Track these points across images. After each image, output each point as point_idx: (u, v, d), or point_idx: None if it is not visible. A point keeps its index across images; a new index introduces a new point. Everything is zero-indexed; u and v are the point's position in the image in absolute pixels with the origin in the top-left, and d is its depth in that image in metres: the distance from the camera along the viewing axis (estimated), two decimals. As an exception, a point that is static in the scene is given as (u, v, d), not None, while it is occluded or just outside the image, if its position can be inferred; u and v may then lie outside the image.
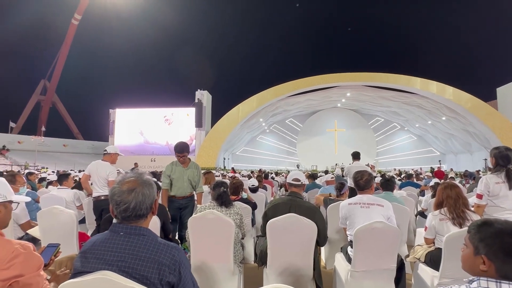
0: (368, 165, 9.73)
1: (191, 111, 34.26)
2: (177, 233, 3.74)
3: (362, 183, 2.61)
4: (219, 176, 10.87)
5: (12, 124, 41.80)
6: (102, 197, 3.80)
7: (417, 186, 7.57)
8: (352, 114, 36.26)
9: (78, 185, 4.78)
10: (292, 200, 2.63)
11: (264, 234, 2.80)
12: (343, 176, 7.91)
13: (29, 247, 1.34)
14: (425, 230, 2.64)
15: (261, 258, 2.58)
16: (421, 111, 28.99)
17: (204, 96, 33.72)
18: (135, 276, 1.11)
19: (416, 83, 26.62)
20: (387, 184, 3.95)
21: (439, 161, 30.58)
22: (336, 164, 26.69)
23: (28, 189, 4.41)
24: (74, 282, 1.07)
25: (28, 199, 1.57)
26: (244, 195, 4.19)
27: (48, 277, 1.55)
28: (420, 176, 11.73)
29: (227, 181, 3.79)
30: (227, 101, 37.80)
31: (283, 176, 15.94)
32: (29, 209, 3.16)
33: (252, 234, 4.05)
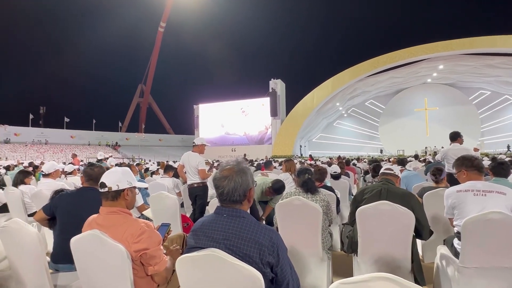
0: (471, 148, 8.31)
1: (266, 101, 34.97)
2: None
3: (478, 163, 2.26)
4: (297, 164, 10.88)
5: (120, 124, 49.97)
6: (195, 185, 4.22)
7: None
8: (447, 89, 31.11)
9: (176, 174, 5.44)
10: (385, 186, 2.46)
11: (350, 221, 2.71)
12: (440, 161, 6.98)
13: (151, 225, 1.59)
14: None
15: (351, 245, 2.51)
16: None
17: (277, 85, 33.92)
18: (239, 254, 1.21)
19: (537, 43, 21.36)
20: (501, 168, 3.31)
21: None
22: (426, 148, 23.63)
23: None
24: (190, 256, 1.22)
25: (147, 185, 1.87)
26: (327, 181, 4.10)
27: (164, 251, 1.81)
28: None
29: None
30: (301, 87, 37.23)
31: (365, 162, 14.99)
32: (140, 194, 3.75)
33: (337, 222, 3.95)
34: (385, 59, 26.92)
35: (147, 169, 8.73)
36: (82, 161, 15.86)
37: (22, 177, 4.28)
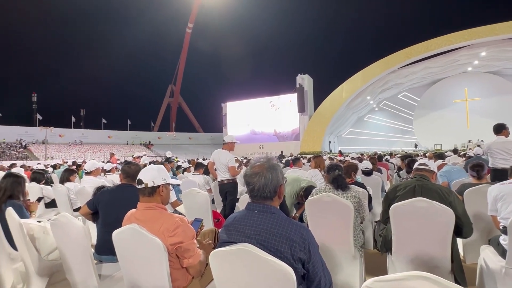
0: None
1: (293, 97, 34.63)
2: None
3: None
4: (326, 160, 10.68)
5: (152, 124, 52.04)
6: (225, 181, 4.30)
7: None
8: (490, 78, 28.64)
9: (206, 171, 5.58)
10: (419, 182, 2.35)
11: (383, 219, 2.62)
12: (480, 155, 6.52)
13: (185, 220, 1.66)
14: None
15: (385, 244, 2.43)
16: None
17: (305, 80, 33.43)
18: (270, 249, 1.23)
19: None
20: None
21: None
22: (470, 141, 22.03)
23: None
24: (223, 250, 1.26)
25: (180, 182, 1.95)
26: (358, 178, 3.99)
27: (197, 245, 1.88)
28: None
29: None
30: (329, 82, 36.43)
31: (398, 157, 14.34)
32: (173, 190, 3.91)
33: (370, 219, 3.84)
34: (420, 48, 25.44)
35: (179, 167, 9.04)
36: (118, 159, 16.78)
37: (67, 175, 4.63)
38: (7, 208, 2.41)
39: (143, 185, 1.65)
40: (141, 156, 9.99)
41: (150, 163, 8.23)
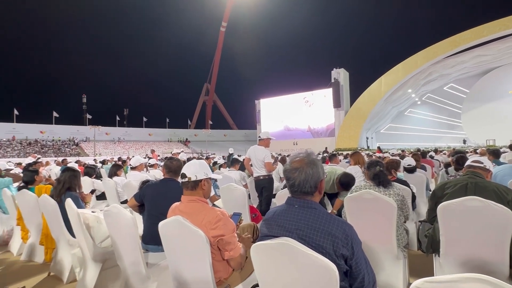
0: None
1: (328, 92, 33.77)
2: None
3: None
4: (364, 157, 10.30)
5: (189, 122, 53.96)
6: (261, 177, 4.34)
7: None
8: (555, 65, 25.50)
9: (242, 167, 5.68)
10: (472, 180, 2.17)
11: (429, 219, 2.47)
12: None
13: (226, 214, 1.70)
14: None
15: (431, 244, 2.29)
16: None
17: (340, 75, 32.40)
18: (311, 244, 1.22)
19: None
20: None
21: None
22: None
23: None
24: (264, 244, 1.28)
25: (220, 176, 2.01)
26: (400, 175, 3.80)
27: (237, 239, 1.93)
28: None
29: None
30: (366, 76, 34.93)
31: (444, 154, 13.36)
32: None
33: (413, 218, 3.64)
34: (469, 35, 23.33)
35: (215, 163, 9.29)
36: (159, 156, 17.66)
37: (115, 170, 4.99)
38: (66, 199, 2.66)
39: (186, 179, 1.73)
40: (179, 153, 10.42)
41: (187, 159, 8.55)
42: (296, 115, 37.79)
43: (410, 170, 4.48)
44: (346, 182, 3.41)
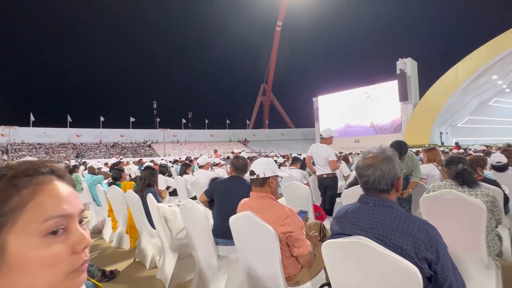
0: None
1: (392, 84, 31.27)
2: None
3: None
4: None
5: (248, 122, 55.52)
6: (325, 176, 4.23)
7: None
8: None
9: (303, 165, 5.63)
10: None
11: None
12: None
13: (294, 211, 1.72)
14: None
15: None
16: None
17: (407, 65, 29.70)
18: (389, 245, 1.16)
19: None
20: None
21: None
22: None
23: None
24: (337, 242, 1.26)
25: (287, 174, 2.03)
26: (488, 173, 3.32)
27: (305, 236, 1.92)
28: None
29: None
30: (437, 64, 31.33)
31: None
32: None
33: (506, 224, 3.15)
34: None
35: (274, 161, 9.40)
36: (221, 155, 18.56)
37: (185, 168, 5.42)
38: (147, 194, 2.99)
39: (255, 176, 1.79)
40: (240, 152, 10.80)
41: (247, 158, 8.81)
42: (357, 111, 35.83)
43: (500, 168, 3.89)
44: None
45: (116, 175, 4.28)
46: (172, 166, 9.99)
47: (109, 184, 4.20)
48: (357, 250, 1.20)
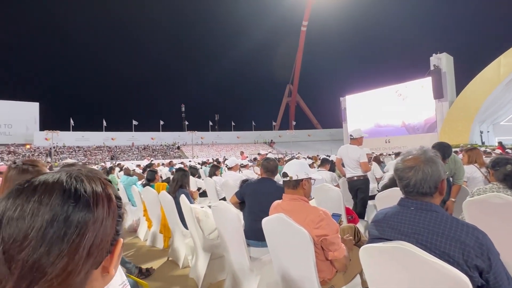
0: None
1: (426, 81, 29.74)
2: None
3: None
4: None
5: (273, 123, 55.45)
6: (355, 178, 4.11)
7: None
8: None
9: (332, 167, 5.51)
10: None
11: None
12: None
13: (328, 213, 1.68)
14: None
15: None
16: None
17: (442, 61, 28.11)
18: (434, 251, 1.10)
19: None
20: None
21: None
22: None
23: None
24: (376, 246, 1.21)
25: (320, 177, 2.00)
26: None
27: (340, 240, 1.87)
28: None
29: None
30: (475, 59, 29.32)
31: None
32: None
33: None
34: None
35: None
36: (247, 157, 18.68)
37: (214, 170, 5.52)
38: (179, 195, 3.08)
39: (288, 178, 1.78)
40: (267, 154, 10.80)
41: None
42: (388, 110, 34.44)
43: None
44: None
45: (150, 176, 4.45)
46: (201, 168, 10.22)
47: (143, 185, 4.38)
48: (399, 255, 1.15)
